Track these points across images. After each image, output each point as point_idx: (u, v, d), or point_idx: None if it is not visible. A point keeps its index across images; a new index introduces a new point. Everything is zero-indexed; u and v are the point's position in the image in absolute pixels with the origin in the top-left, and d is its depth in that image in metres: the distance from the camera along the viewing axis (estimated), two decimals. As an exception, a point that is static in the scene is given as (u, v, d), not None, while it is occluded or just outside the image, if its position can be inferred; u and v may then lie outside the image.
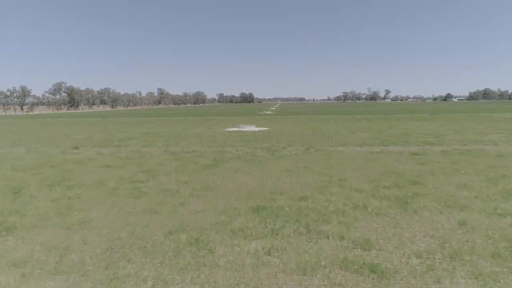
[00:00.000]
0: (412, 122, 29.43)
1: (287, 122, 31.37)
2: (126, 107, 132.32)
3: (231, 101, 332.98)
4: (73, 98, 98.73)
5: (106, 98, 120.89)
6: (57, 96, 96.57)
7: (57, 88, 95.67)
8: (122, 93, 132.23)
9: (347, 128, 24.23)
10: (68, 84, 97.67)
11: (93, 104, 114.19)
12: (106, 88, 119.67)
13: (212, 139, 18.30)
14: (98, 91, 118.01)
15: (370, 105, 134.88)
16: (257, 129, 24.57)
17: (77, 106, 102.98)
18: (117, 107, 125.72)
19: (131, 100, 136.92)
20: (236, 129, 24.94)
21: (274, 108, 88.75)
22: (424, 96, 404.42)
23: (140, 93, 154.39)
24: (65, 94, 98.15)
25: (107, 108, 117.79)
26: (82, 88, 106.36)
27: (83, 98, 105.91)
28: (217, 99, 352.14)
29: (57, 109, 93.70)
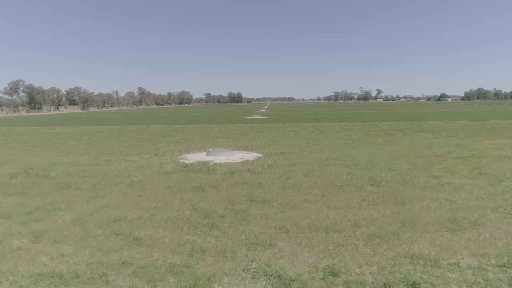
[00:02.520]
0: (484, 139, 19.02)
1: (288, 138, 20.66)
2: (101, 108, 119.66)
3: (219, 101, 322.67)
4: (33, 99, 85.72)
5: (76, 98, 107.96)
6: (14, 96, 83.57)
7: (13, 87, 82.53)
8: (95, 92, 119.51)
9: (398, 155, 13.64)
10: (27, 83, 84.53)
11: (59, 105, 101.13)
12: (76, 87, 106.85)
13: (119, 215, 7.43)
14: (66, 91, 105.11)
15: (367, 106, 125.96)
16: (239, 157, 13.77)
17: (40, 108, 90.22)
18: (90, 108, 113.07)
19: (107, 100, 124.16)
20: (204, 156, 14.10)
21: (264, 110, 78.11)
22: (414, 96, 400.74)
23: (117, 92, 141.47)
24: (24, 94, 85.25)
25: (77, 109, 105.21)
26: (46, 87, 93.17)
27: (46, 99, 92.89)
28: (204, 99, 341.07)
29: (13, 111, 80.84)
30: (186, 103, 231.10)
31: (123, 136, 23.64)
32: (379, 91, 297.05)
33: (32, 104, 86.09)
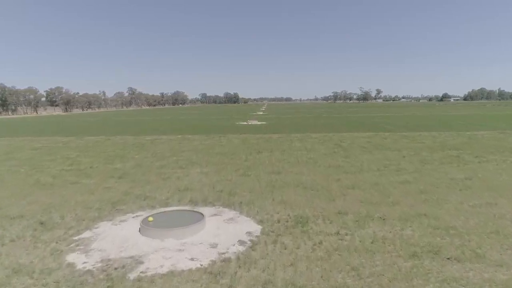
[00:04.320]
0: None
1: (301, 165, 13.07)
2: (86, 109, 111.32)
3: (215, 102, 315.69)
4: (5, 100, 77.17)
5: (57, 99, 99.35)
6: (-17, 98, 74.99)
7: (-18, 88, 73.98)
8: (81, 93, 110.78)
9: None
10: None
11: (37, 106, 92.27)
12: (57, 87, 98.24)
13: None
14: (46, 91, 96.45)
15: (370, 107, 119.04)
16: (209, 243, 6.12)
17: (14, 110, 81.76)
18: (74, 109, 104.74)
19: (93, 101, 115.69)
20: (133, 235, 6.45)
21: (261, 113, 70.54)
22: (413, 96, 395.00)
23: (104, 93, 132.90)
24: (-5, 95, 76.68)
25: (58, 111, 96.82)
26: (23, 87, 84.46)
27: (21, 100, 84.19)
28: (200, 99, 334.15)
29: (-18, 114, 72.60)
30: (181, 103, 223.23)
31: (55, 158, 15.96)
32: (378, 91, 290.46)
33: (5, 106, 77.74)
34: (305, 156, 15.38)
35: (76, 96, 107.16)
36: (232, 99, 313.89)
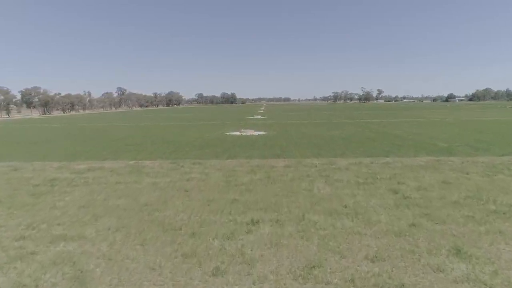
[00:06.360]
0: None
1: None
2: (68, 111, 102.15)
3: (212, 102, 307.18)
4: (-31, 102, 68.09)
5: (34, 100, 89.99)
6: None
7: None
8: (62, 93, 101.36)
9: None
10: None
11: (8, 108, 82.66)
12: (34, 87, 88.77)
13: None
14: (20, 92, 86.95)
15: (375, 108, 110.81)
16: None
17: (-19, 113, 72.63)
18: (54, 111, 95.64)
19: (76, 102, 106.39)
20: None
21: (260, 117, 61.86)
22: (413, 96, 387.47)
23: (89, 93, 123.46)
24: (-43, 96, 67.46)
25: (36, 113, 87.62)
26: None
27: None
28: (196, 99, 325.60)
29: None
30: (175, 104, 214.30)
31: None
32: (379, 91, 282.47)
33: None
34: (357, 241, 6.71)
35: (57, 97, 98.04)
36: (229, 100, 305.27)
